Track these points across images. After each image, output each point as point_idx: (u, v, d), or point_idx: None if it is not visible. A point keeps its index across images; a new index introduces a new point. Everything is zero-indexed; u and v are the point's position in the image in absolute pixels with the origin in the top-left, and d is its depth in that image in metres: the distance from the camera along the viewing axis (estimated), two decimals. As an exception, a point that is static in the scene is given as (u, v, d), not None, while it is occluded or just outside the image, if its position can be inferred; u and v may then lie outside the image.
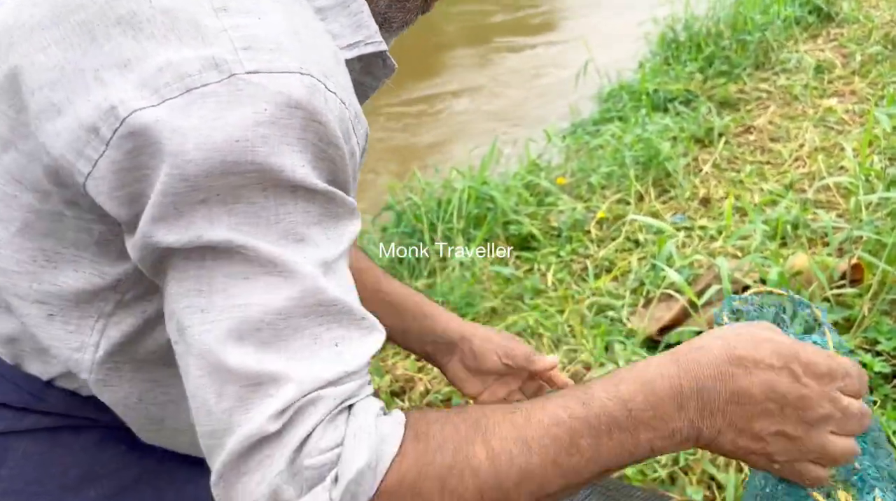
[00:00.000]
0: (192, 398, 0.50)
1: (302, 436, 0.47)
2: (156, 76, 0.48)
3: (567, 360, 1.98)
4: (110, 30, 0.49)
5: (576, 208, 2.74)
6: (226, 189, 0.48)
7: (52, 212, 0.54)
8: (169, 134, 0.47)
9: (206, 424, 0.49)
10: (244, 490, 0.47)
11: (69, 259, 0.56)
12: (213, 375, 0.48)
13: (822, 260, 1.83)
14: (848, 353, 0.63)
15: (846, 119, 3.32)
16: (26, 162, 0.53)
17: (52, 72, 0.50)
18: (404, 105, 5.39)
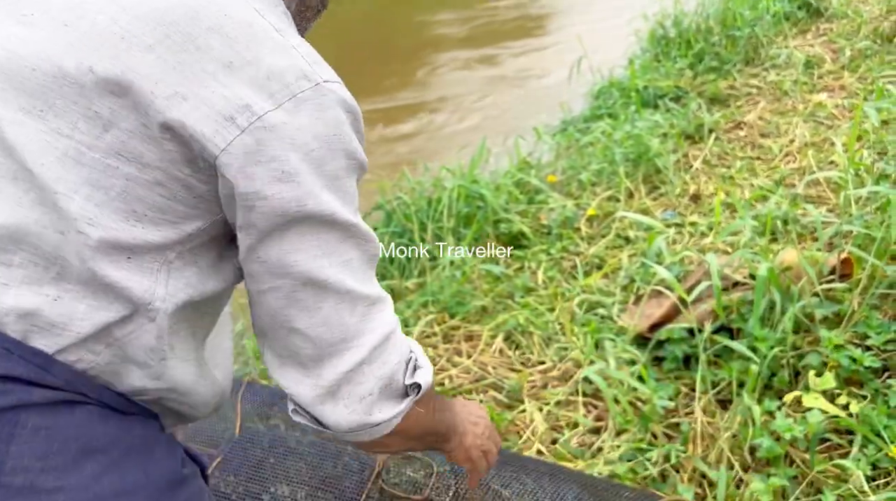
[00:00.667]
0: (327, 320, 0.73)
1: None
2: (266, 82, 0.67)
3: (558, 358, 1.97)
4: (207, 36, 0.67)
5: (566, 206, 2.73)
6: (334, 170, 0.71)
7: (148, 180, 0.68)
8: (293, 131, 0.68)
9: (340, 333, 0.74)
10: (388, 360, 0.77)
11: (153, 219, 0.70)
12: (348, 300, 0.73)
13: (812, 255, 1.82)
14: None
15: (836, 114, 3.32)
16: (127, 138, 0.67)
17: (169, 69, 0.65)
18: (395, 106, 5.38)
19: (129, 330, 0.71)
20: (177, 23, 0.67)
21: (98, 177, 0.67)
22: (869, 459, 1.41)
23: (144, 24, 0.67)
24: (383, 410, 0.78)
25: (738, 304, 1.81)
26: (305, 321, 0.73)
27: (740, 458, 1.52)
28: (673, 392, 1.75)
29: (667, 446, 1.59)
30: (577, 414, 1.77)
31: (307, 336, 0.73)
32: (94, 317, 0.70)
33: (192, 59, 0.66)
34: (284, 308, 0.73)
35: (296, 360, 0.76)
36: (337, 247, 0.72)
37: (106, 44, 0.67)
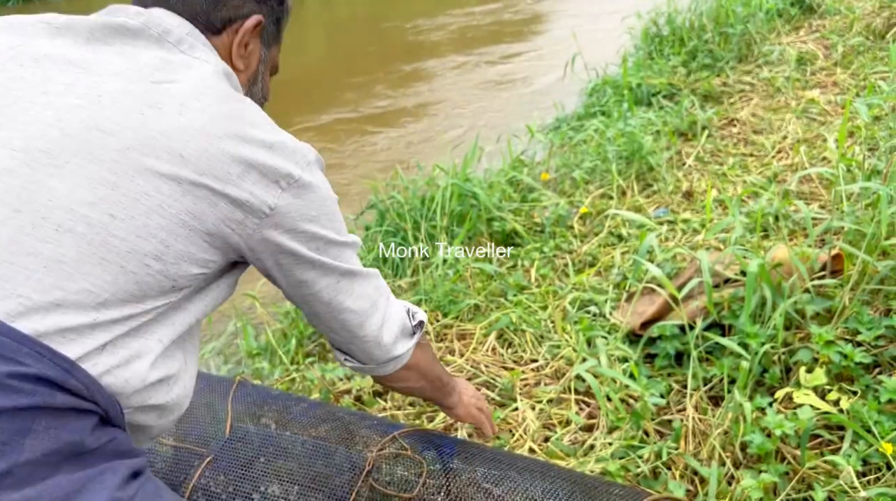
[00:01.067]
0: (361, 295, 1.04)
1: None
2: (293, 156, 0.91)
3: (550, 356, 1.97)
4: (248, 130, 0.88)
5: (559, 204, 2.73)
6: (332, 209, 0.99)
7: (202, 231, 0.88)
8: (319, 184, 0.94)
9: (369, 302, 1.05)
10: (397, 312, 1.12)
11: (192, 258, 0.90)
12: (364, 278, 1.04)
13: (803, 251, 1.82)
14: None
15: (828, 110, 3.32)
16: (206, 207, 0.86)
17: (236, 161, 0.86)
18: (388, 105, 5.37)
19: (143, 330, 0.87)
20: (226, 119, 0.88)
21: (173, 227, 0.85)
22: (860, 455, 1.41)
23: (206, 123, 0.87)
24: (403, 344, 1.13)
25: (730, 301, 1.81)
26: (350, 301, 1.03)
27: (732, 455, 1.52)
28: (665, 389, 1.75)
29: (658, 443, 1.59)
30: (569, 411, 1.77)
31: (354, 310, 1.03)
32: (114, 329, 0.83)
33: (240, 148, 0.88)
34: (335, 296, 1.02)
35: (347, 330, 1.06)
36: (347, 254, 1.02)
37: (173, 134, 0.86)
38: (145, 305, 0.86)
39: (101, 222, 0.80)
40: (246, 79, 1.04)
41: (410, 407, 1.89)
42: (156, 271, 0.85)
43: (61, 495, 0.73)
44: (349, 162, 4.42)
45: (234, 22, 0.99)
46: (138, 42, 0.91)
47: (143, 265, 0.83)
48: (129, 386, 0.84)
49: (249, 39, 1.01)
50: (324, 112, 5.28)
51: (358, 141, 4.71)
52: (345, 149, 4.63)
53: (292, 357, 2.24)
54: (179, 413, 0.98)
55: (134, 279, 0.83)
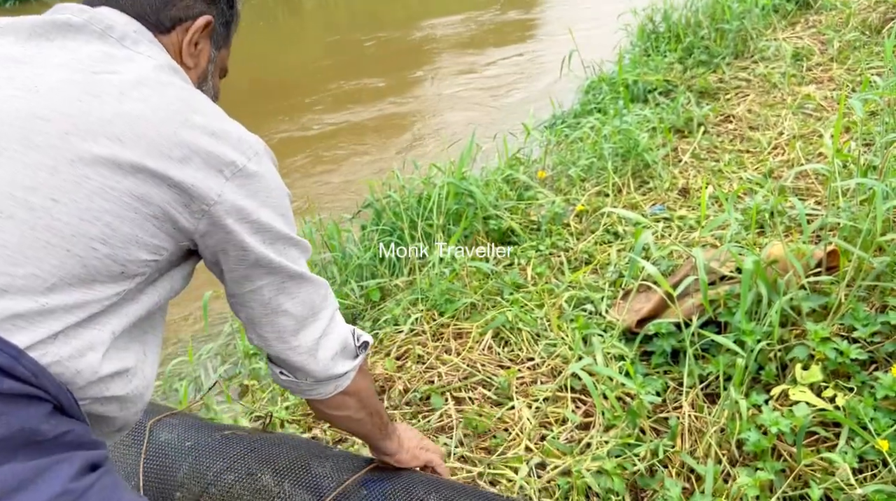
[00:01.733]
0: (304, 300, 1.02)
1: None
2: (239, 145, 0.92)
3: (546, 354, 1.97)
4: (190, 116, 0.89)
5: (555, 202, 2.73)
6: (285, 203, 1.00)
7: (149, 214, 0.87)
8: (266, 174, 0.94)
9: (310, 308, 1.04)
10: (340, 329, 1.10)
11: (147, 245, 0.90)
12: (313, 285, 1.04)
13: (798, 247, 1.82)
14: None
15: (824, 105, 3.32)
16: (149, 189, 0.86)
17: (177, 145, 0.87)
18: (385, 105, 5.36)
19: (94, 321, 0.86)
20: (173, 109, 0.89)
21: (118, 210, 0.85)
22: (856, 452, 1.41)
23: (149, 111, 0.88)
24: (344, 364, 1.10)
25: (726, 298, 1.81)
26: (290, 303, 1.01)
27: (728, 452, 1.52)
28: (661, 386, 1.75)
29: (655, 441, 1.59)
30: (565, 410, 1.77)
31: (292, 314, 1.01)
32: (65, 317, 0.83)
33: (185, 133, 0.89)
34: (276, 296, 1.00)
35: (280, 337, 1.03)
36: (295, 253, 1.02)
37: (121, 120, 0.87)
38: (95, 292, 0.85)
39: (43, 206, 0.81)
40: (196, 77, 1.05)
41: (407, 407, 1.89)
42: (103, 255, 0.85)
43: (13, 482, 0.73)
44: (344, 161, 4.42)
45: (183, 21, 1.01)
46: (80, 37, 0.92)
47: (90, 248, 0.83)
48: (81, 377, 0.84)
49: (199, 39, 1.03)
50: (321, 112, 5.27)
51: (353, 141, 4.70)
52: (340, 149, 4.62)
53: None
54: (142, 404, 0.98)
55: (81, 262, 0.83)
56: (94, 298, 0.86)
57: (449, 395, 1.89)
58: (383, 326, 2.25)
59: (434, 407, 1.85)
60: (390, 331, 2.21)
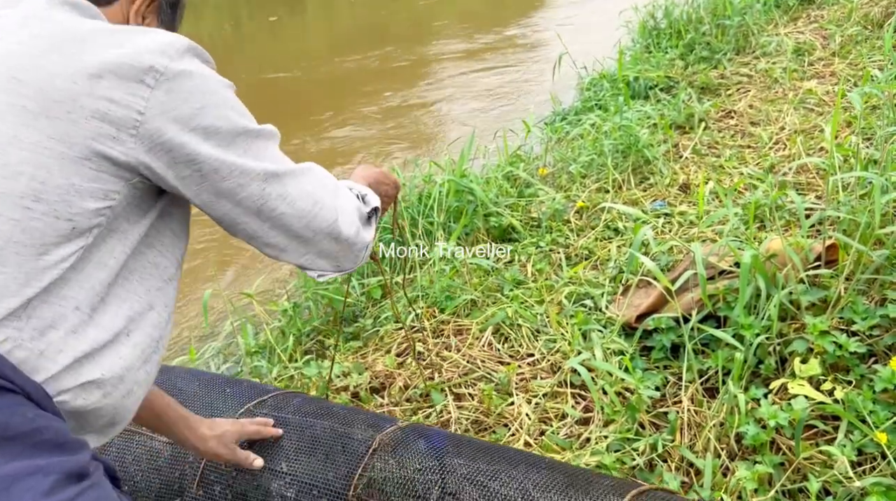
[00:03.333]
0: (297, 196, 0.92)
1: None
2: (157, 47, 0.81)
3: (546, 350, 1.97)
4: (87, 36, 0.81)
5: (556, 198, 2.73)
6: (225, 95, 0.88)
7: (77, 157, 0.78)
8: (197, 71, 0.84)
9: (310, 200, 0.94)
10: (347, 205, 1.01)
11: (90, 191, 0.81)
12: (296, 175, 0.93)
13: (797, 241, 1.82)
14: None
15: (826, 100, 3.31)
16: (65, 125, 0.77)
17: (80, 69, 0.78)
18: (387, 103, 5.37)
19: (53, 294, 0.79)
20: (71, 32, 0.82)
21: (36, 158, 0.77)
22: (854, 445, 1.41)
23: (47, 44, 0.80)
24: (368, 232, 1.05)
25: (724, 292, 1.81)
26: (285, 205, 0.91)
27: (727, 446, 1.52)
28: (660, 381, 1.75)
29: (654, 435, 1.59)
30: (565, 405, 1.77)
31: (292, 213, 0.92)
32: (22, 291, 0.76)
33: (87, 55, 0.80)
34: (264, 202, 0.89)
35: (300, 240, 0.95)
36: (261, 145, 0.90)
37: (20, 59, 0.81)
38: (49, 257, 0.77)
39: None
40: None
41: (407, 403, 1.89)
42: (41, 213, 0.76)
43: None
44: (344, 158, 4.43)
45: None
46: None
47: (23, 208, 0.75)
48: (46, 359, 0.77)
49: (146, 13, 0.98)
50: (320, 112, 5.28)
51: (353, 139, 4.71)
52: (340, 146, 4.63)
53: (290, 354, 2.25)
54: (136, 385, 0.88)
55: (19, 227, 0.75)
56: (48, 264, 0.77)
57: (448, 391, 1.89)
58: (384, 323, 2.26)
59: (434, 403, 1.86)
60: (391, 328, 2.21)
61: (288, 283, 2.82)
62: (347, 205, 1.00)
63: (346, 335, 2.32)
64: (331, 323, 2.45)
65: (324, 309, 2.50)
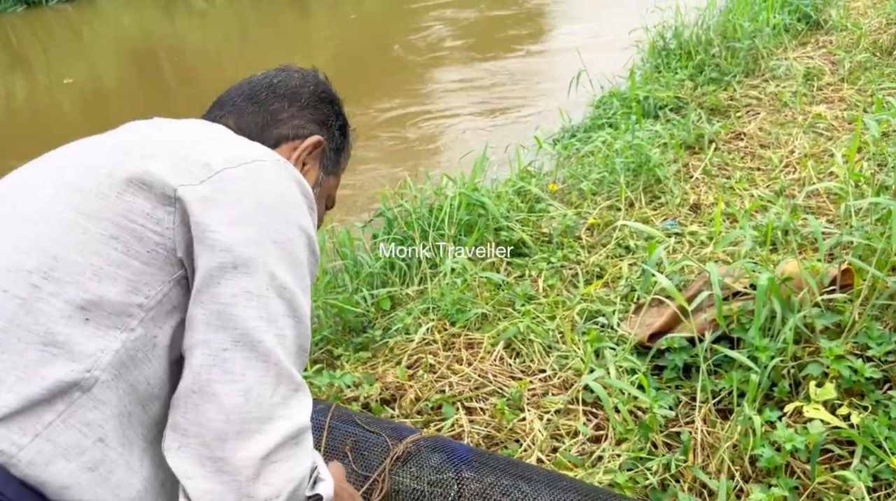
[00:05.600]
0: (248, 390, 0.69)
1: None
2: (233, 154, 0.79)
3: (558, 366, 1.97)
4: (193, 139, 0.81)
5: (567, 214, 2.74)
6: (286, 234, 0.80)
7: (102, 234, 0.71)
8: (252, 186, 0.78)
9: (256, 410, 0.69)
10: (300, 462, 0.71)
11: (109, 274, 0.69)
12: (274, 373, 0.70)
13: (813, 265, 1.82)
14: None
15: (835, 125, 3.33)
16: (94, 198, 0.71)
17: (144, 145, 0.78)
18: (397, 114, 5.40)
19: (61, 410, 0.64)
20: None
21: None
22: (870, 470, 1.41)
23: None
24: None
25: (739, 314, 1.82)
26: (226, 386, 0.68)
27: (741, 468, 1.52)
28: (673, 401, 1.75)
29: (667, 455, 1.58)
30: (577, 422, 1.77)
31: (222, 404, 0.68)
32: (24, 390, 0.64)
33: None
34: (209, 367, 0.68)
35: (199, 438, 0.68)
36: (279, 318, 0.72)
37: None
38: (56, 368, 0.64)
39: None
40: None
41: (418, 416, 1.89)
42: (49, 294, 0.65)
43: None
44: (356, 172, 4.44)
45: (291, 139, 0.95)
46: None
47: (30, 286, 0.65)
48: (47, 490, 0.63)
49: (307, 159, 0.96)
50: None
51: (364, 151, 4.73)
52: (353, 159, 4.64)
53: (299, 363, 2.24)
54: None
55: (25, 308, 0.64)
56: (56, 371, 0.64)
57: (460, 405, 1.89)
58: (394, 335, 2.26)
59: (445, 417, 1.85)
60: (401, 340, 2.21)
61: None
62: (294, 464, 0.71)
63: (355, 345, 2.31)
64: (340, 332, 2.45)
65: (333, 318, 2.50)
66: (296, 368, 0.74)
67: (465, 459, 1.38)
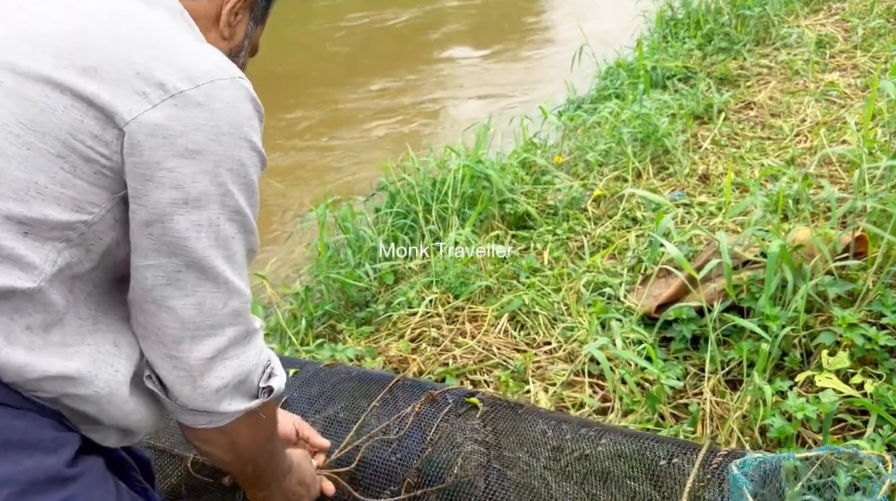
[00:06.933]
0: (200, 304, 0.75)
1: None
2: (187, 65, 0.74)
3: (563, 339, 1.94)
4: (130, 28, 0.74)
5: (573, 186, 2.69)
6: (240, 157, 0.79)
7: (47, 151, 0.68)
8: (207, 114, 0.74)
9: (208, 319, 0.76)
10: (247, 359, 0.81)
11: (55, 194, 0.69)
12: (224, 290, 0.77)
13: (825, 232, 1.77)
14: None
15: (848, 93, 3.25)
16: (39, 112, 0.67)
17: (87, 49, 0.70)
18: (398, 86, 5.32)
19: (13, 305, 0.70)
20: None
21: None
22: (884, 439, 1.37)
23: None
24: (233, 403, 0.82)
25: (749, 283, 1.77)
26: (180, 301, 0.75)
27: (751, 439, 1.48)
28: (681, 372, 1.71)
29: (675, 427, 1.55)
30: (583, 394, 1.73)
31: (177, 315, 0.76)
32: None
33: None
34: (163, 286, 0.75)
35: (157, 337, 0.77)
36: (229, 240, 0.76)
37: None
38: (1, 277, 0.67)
39: None
40: (228, 49, 0.94)
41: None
42: None
43: None
44: (359, 144, 4.39)
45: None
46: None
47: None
48: (4, 372, 0.70)
49: (240, 9, 0.92)
50: (332, 96, 5.24)
51: (367, 124, 4.68)
52: (355, 132, 4.59)
53: (302, 338, 2.22)
54: (138, 407, 0.81)
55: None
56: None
57: (465, 378, 1.86)
58: (397, 308, 2.22)
59: (449, 390, 1.82)
60: (404, 314, 2.18)
61: (301, 267, 2.79)
62: (242, 360, 0.81)
63: (357, 320, 2.28)
64: (342, 307, 2.42)
65: (336, 293, 2.47)
66: (244, 277, 0.81)
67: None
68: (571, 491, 1.33)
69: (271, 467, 0.98)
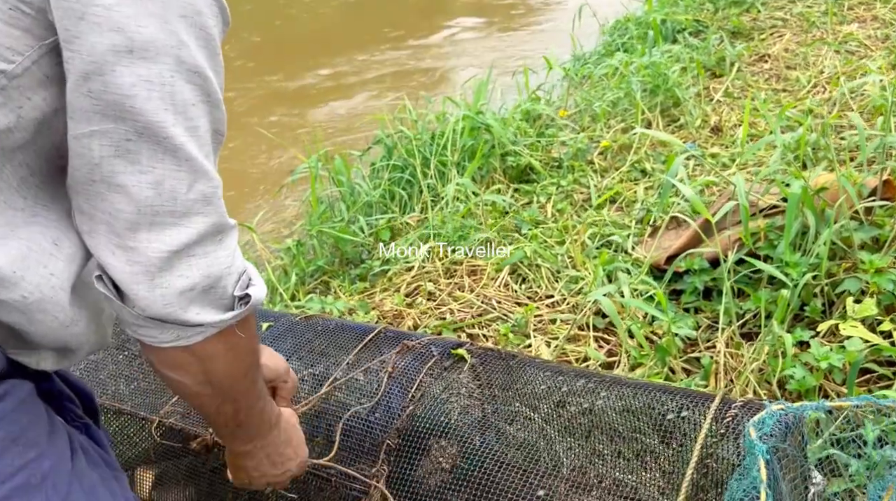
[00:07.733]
0: (159, 182, 0.62)
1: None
2: None
3: (567, 291, 1.83)
4: None
5: (578, 137, 2.56)
6: (195, 4, 0.65)
7: None
8: None
9: (170, 203, 0.63)
10: (217, 259, 0.67)
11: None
12: (187, 169, 0.63)
13: (851, 174, 1.65)
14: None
15: (867, 44, 3.10)
16: None
17: None
18: (397, 36, 5.17)
19: None
20: None
21: None
22: (914, 391, 1.27)
23: None
24: (202, 313, 0.67)
25: (767, 230, 1.65)
26: (133, 177, 0.61)
27: (768, 392, 1.38)
28: (692, 325, 1.60)
29: (686, 380, 1.45)
30: (587, 347, 1.63)
31: (130, 195, 0.62)
32: None
33: None
34: (110, 157, 0.61)
35: (110, 227, 0.63)
36: (188, 107, 0.62)
37: None
38: None
39: None
40: None
41: (416, 344, 1.76)
42: None
43: None
44: (354, 100, 4.25)
45: None
46: None
47: None
48: None
49: None
50: (329, 56, 5.08)
51: (362, 75, 4.53)
52: (351, 86, 4.45)
53: (292, 294, 2.12)
54: (75, 315, 0.69)
55: None
56: None
57: (462, 332, 1.76)
58: (392, 263, 2.12)
59: (445, 344, 1.72)
60: (400, 269, 2.07)
61: (293, 224, 2.68)
62: (212, 260, 0.67)
63: (352, 277, 2.18)
64: (337, 264, 2.32)
65: (329, 248, 2.36)
66: (213, 160, 0.67)
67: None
68: (575, 446, 1.23)
69: (255, 410, 0.83)
